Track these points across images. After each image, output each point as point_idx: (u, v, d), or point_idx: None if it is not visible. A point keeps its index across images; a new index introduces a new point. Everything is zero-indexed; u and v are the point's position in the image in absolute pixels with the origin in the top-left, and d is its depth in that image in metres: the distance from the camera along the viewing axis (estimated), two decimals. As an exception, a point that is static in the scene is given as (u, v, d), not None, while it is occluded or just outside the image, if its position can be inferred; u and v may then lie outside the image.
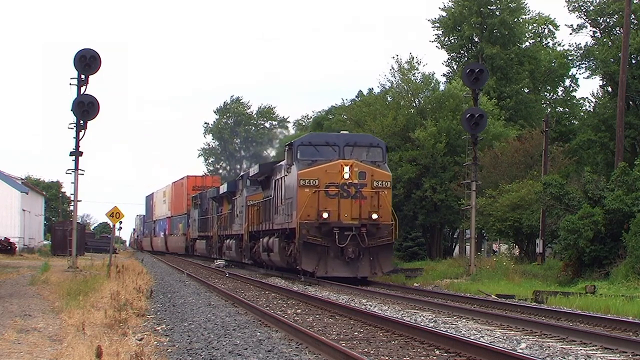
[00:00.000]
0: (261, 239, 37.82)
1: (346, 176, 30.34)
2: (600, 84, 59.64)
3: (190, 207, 67.21)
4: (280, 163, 35.34)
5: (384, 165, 31.83)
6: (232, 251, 47.47)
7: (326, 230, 30.11)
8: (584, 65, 63.04)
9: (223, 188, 51.97)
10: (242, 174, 48.66)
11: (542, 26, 67.16)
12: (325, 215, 30.08)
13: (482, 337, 14.35)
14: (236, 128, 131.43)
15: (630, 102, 54.22)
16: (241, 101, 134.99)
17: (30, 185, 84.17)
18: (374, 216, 30.28)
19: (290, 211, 31.48)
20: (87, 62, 37.09)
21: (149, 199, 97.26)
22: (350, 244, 29.94)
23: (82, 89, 37.20)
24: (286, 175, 32.61)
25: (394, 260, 34.15)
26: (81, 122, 37.11)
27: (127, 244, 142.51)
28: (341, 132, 38.16)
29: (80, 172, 37.35)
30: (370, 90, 67.32)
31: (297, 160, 31.45)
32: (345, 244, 29.91)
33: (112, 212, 36.44)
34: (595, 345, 13.51)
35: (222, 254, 51.63)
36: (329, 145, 31.49)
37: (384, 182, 30.86)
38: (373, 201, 30.49)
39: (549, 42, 67.83)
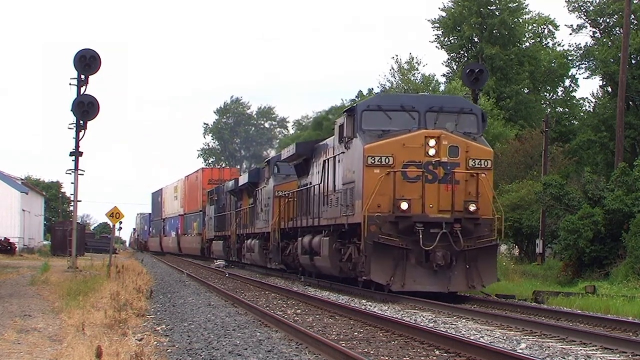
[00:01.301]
0: (300, 239, 30.13)
1: (432, 152, 22.47)
2: (600, 84, 59.77)
3: (205, 204, 59.89)
4: (326, 141, 28.06)
5: (481, 138, 23.88)
6: (254, 253, 39.84)
7: (405, 227, 22.16)
8: (583, 66, 63.14)
9: (243, 179, 44.19)
10: (268, 158, 40.28)
11: (542, 26, 67.21)
12: (404, 205, 22.06)
13: (482, 337, 14.35)
14: (236, 128, 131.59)
15: (630, 102, 54.26)
16: (241, 101, 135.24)
17: (30, 185, 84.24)
18: (472, 207, 22.43)
19: (351, 201, 23.66)
20: (87, 62, 37.08)
21: (157, 196, 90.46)
22: (440, 247, 21.97)
23: (82, 89, 37.20)
24: (342, 152, 24.70)
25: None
26: (81, 122, 37.11)
27: (127, 244, 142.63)
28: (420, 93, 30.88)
29: (80, 172, 37.36)
30: (370, 90, 67.38)
31: (361, 130, 23.31)
32: (433, 246, 21.89)
33: (112, 212, 36.44)
34: (595, 346, 13.51)
35: (242, 257, 44.72)
36: (406, 110, 23.40)
37: (483, 161, 22.89)
38: (469, 187, 22.65)
39: (548, 42, 67.88)
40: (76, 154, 37.20)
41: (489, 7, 62.59)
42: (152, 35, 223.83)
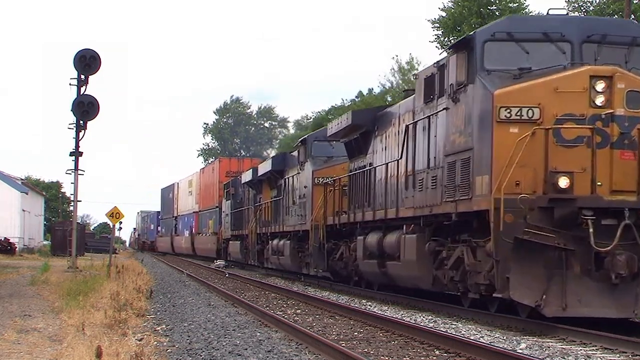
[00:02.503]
0: (361, 238, 22.80)
1: (600, 101, 14.88)
2: (600, 84, 59.77)
3: (222, 199, 53.45)
4: (396, 107, 21.43)
5: None
6: (284, 257, 32.63)
7: (563, 216, 14.62)
8: (583, 66, 63.19)
9: (264, 167, 37.60)
10: (304, 137, 31.61)
11: (542, 26, 67.30)
12: (562, 182, 14.65)
13: (482, 337, 14.34)
14: (236, 128, 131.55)
15: (630, 102, 54.32)
16: (241, 101, 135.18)
17: (30, 185, 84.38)
18: None
19: (464, 178, 16.24)
20: (87, 62, 37.06)
21: (168, 192, 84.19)
22: (621, 247, 14.47)
23: (82, 89, 37.20)
24: (444, 110, 17.21)
25: None
26: (81, 122, 37.12)
27: (127, 244, 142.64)
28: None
29: (80, 172, 37.36)
30: (370, 90, 67.48)
31: (483, 70, 15.90)
32: (611, 247, 14.38)
33: (112, 213, 36.43)
34: (595, 346, 13.50)
35: (265, 260, 37.55)
36: (552, 40, 15.88)
37: None
38: None
39: (549, 42, 67.99)
40: (76, 154, 37.20)
41: (489, 8, 62.59)
42: (152, 35, 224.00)
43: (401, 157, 19.86)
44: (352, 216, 24.12)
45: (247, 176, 41.93)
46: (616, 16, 55.49)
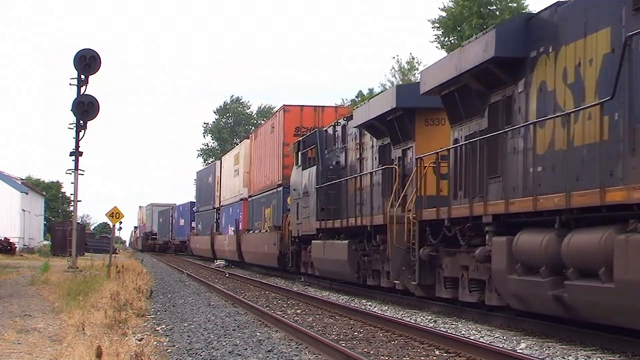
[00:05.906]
0: None
1: None
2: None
3: (290, 170, 33.42)
4: None
5: None
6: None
7: None
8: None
9: (449, 65, 16.65)
10: None
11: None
12: None
13: (482, 337, 14.35)
14: (236, 128, 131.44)
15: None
16: (241, 101, 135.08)
17: (30, 185, 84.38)
18: None
19: None
20: (87, 62, 37.08)
21: (206, 175, 63.50)
22: None
23: (82, 89, 37.21)
24: None
25: None
26: (81, 122, 37.13)
27: (127, 243, 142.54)
28: None
29: (80, 172, 37.36)
30: (371, 90, 67.40)
31: None
32: None
33: (112, 212, 36.43)
34: (595, 346, 13.50)
35: (461, 286, 17.23)
36: None
37: None
38: None
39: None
40: (76, 154, 37.21)
41: (489, 7, 62.60)
42: (152, 36, 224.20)
43: None
44: None
45: (374, 108, 21.92)
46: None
